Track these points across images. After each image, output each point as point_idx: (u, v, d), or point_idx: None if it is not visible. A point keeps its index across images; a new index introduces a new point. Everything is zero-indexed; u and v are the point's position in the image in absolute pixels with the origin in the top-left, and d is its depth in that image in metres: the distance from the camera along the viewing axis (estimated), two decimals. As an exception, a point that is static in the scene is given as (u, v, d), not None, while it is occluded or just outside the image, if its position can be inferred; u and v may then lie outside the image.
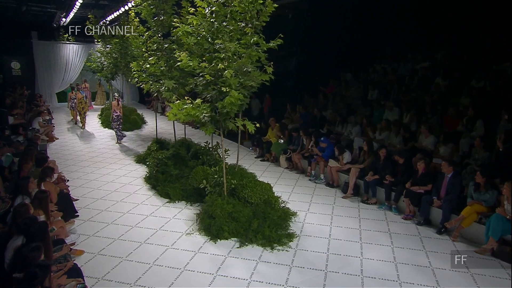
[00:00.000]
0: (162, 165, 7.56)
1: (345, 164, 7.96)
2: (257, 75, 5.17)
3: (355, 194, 7.47)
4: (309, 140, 9.02)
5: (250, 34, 5.06)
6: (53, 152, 10.48)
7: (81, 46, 19.80)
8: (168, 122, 9.44)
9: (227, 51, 4.79)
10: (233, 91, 4.64)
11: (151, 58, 6.95)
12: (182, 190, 6.92)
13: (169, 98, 5.99)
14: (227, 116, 5.10)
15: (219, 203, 5.50)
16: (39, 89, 19.03)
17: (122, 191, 7.58)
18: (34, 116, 11.79)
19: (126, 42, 11.43)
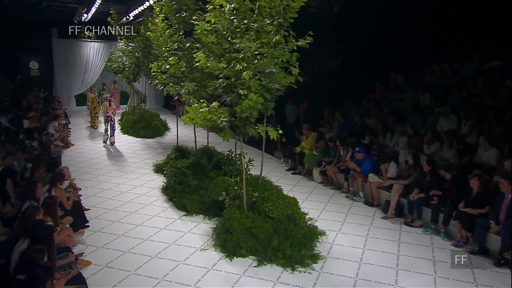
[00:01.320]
0: (180, 175, 8.09)
1: (389, 178, 8.03)
2: (280, 76, 5.50)
3: (397, 215, 7.52)
4: (346, 151, 9.18)
5: (272, 33, 5.41)
6: (67, 159, 11.42)
7: (102, 44, 21.28)
8: (192, 129, 10.00)
9: (247, 51, 5.17)
10: (252, 94, 5.01)
11: (171, 58, 7.54)
12: (200, 202, 7.36)
13: (189, 101, 6.47)
14: (247, 122, 5.47)
15: (237, 217, 5.85)
16: (57, 91, 20.63)
17: (137, 202, 8.17)
18: (49, 120, 12.91)
19: (149, 41, 12.28)
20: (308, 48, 5.85)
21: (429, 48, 12.81)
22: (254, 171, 7.91)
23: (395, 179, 7.99)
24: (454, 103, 9.71)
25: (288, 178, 9.92)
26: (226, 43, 5.55)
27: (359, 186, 8.50)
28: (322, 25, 15.23)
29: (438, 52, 12.60)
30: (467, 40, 11.83)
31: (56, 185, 6.30)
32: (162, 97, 23.31)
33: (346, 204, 8.21)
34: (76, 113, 20.05)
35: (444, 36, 12.38)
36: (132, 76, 15.89)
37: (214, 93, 6.46)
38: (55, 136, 12.00)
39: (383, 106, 10.97)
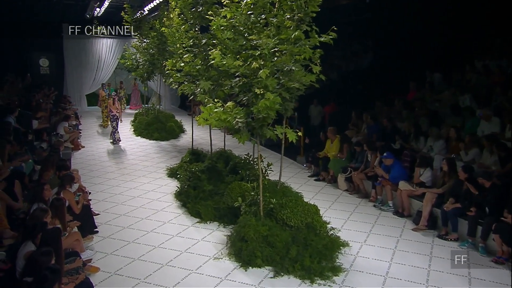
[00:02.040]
0: (194, 179, 8.34)
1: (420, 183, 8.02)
2: (300, 75, 5.65)
3: (430, 227, 7.50)
4: (374, 156, 9.21)
5: (292, 28, 5.57)
6: (77, 162, 11.88)
7: (115, 41, 21.92)
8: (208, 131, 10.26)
9: (264, 47, 5.35)
10: (268, 93, 5.18)
11: (186, 56, 7.80)
12: (215, 209, 7.57)
13: (204, 101, 6.69)
14: (264, 123, 5.64)
15: (252, 224, 6.01)
16: (68, 90, 21.39)
17: (149, 207, 8.46)
18: (59, 120, 13.45)
19: (164, 37, 12.67)
20: (332, 44, 5.98)
21: (472, 42, 12.63)
22: (273, 177, 8.07)
23: (428, 187, 7.99)
24: (498, 105, 9.60)
25: (311, 185, 10.02)
26: (242, 39, 5.74)
27: (388, 195, 8.52)
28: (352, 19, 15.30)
29: (482, 47, 12.42)
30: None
31: (65, 188, 6.63)
32: (178, 97, 23.75)
33: (373, 214, 8.24)
34: (87, 114, 20.72)
35: (489, 28, 12.18)
36: (146, 75, 16.35)
37: (230, 92, 6.66)
38: (64, 138, 12.48)
39: (417, 108, 10.93)
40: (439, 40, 13.09)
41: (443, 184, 7.74)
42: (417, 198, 8.06)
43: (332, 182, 10.11)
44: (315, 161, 10.73)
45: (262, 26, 5.96)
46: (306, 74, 5.87)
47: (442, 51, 13.02)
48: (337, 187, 9.78)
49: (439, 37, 13.05)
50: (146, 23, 16.09)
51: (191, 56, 7.91)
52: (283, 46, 5.51)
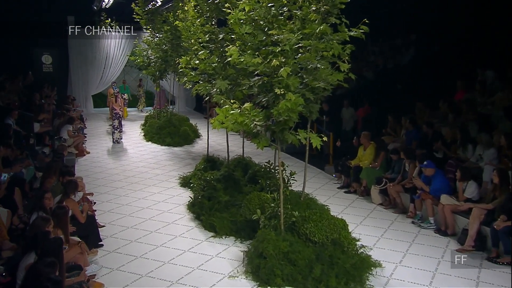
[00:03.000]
0: (209, 189, 8.57)
1: (467, 200, 8.01)
2: (326, 73, 5.81)
3: (478, 248, 7.47)
4: (413, 165, 9.24)
5: (317, 21, 5.74)
6: (82, 168, 12.31)
7: (125, 35, 22.46)
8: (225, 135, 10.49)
9: (286, 43, 5.53)
10: (290, 94, 5.35)
11: (201, 52, 8.06)
12: (232, 222, 7.76)
13: (220, 102, 6.90)
14: (285, 126, 5.81)
15: (272, 239, 6.16)
16: (72, 90, 22.05)
17: (159, 219, 8.72)
18: (63, 123, 13.95)
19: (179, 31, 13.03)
20: (363, 39, 6.12)
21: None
22: (297, 187, 8.22)
23: (475, 202, 7.97)
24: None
25: (340, 198, 10.11)
26: (262, 34, 5.94)
27: (429, 210, 8.52)
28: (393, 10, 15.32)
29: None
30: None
31: (69, 196, 6.95)
32: (193, 98, 24.12)
33: (412, 232, 8.27)
34: (93, 116, 21.36)
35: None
36: (159, 73, 16.75)
37: (249, 92, 6.86)
38: (68, 142, 12.95)
39: (465, 111, 10.88)
40: (493, 33, 12.96)
41: (493, 198, 7.71)
42: (462, 215, 8.04)
43: (364, 195, 10.17)
44: (346, 171, 10.81)
45: (284, 20, 6.15)
46: (333, 72, 6.02)
47: (496, 45, 12.88)
48: (370, 201, 9.84)
49: (493, 29, 12.92)
50: (158, 15, 16.49)
51: (206, 52, 8.14)
52: (307, 42, 5.68)
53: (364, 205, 9.67)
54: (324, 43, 5.87)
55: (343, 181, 10.92)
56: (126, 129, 18.17)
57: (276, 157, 8.24)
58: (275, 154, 8.42)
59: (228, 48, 6.09)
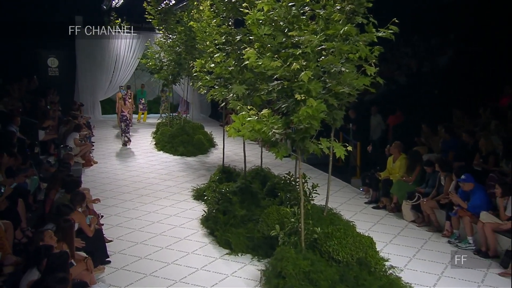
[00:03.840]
0: (224, 202, 8.66)
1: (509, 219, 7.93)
2: (351, 77, 5.88)
3: (523, 271, 7.40)
4: (449, 179, 9.20)
5: (341, 22, 5.83)
6: (88, 179, 12.54)
7: (136, 36, 22.90)
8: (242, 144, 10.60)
9: (307, 45, 5.63)
10: (311, 100, 5.43)
11: (217, 55, 8.20)
12: (248, 238, 7.82)
13: (236, 108, 7.01)
14: (306, 134, 5.88)
15: (292, 258, 6.20)
16: (79, 95, 22.50)
17: (170, 235, 8.85)
18: (69, 131, 14.24)
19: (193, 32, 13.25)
20: (393, 40, 6.18)
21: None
22: (320, 201, 8.26)
23: (518, 220, 7.89)
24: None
25: (368, 214, 10.11)
26: (282, 36, 6.04)
27: (467, 229, 8.45)
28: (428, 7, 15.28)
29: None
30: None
31: (75, 208, 7.12)
32: (208, 104, 24.35)
33: (447, 252, 8.17)
34: (101, 123, 21.74)
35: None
36: (172, 77, 16.99)
37: (268, 98, 6.96)
38: (75, 151, 13.20)
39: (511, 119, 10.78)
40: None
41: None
42: (506, 234, 7.95)
43: (395, 211, 10.14)
44: (374, 184, 10.80)
45: (306, 20, 6.25)
46: (359, 76, 6.08)
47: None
48: (401, 217, 9.80)
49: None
50: (172, 15, 16.75)
51: (223, 55, 8.26)
52: (330, 44, 5.76)
53: (394, 222, 9.64)
54: (349, 45, 5.94)
55: (371, 196, 10.91)
56: (137, 137, 18.52)
57: (296, 168, 8.30)
58: (296, 165, 8.48)
59: (245, 50, 6.19)
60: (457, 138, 10.82)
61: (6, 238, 6.71)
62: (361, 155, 12.44)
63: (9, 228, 7.04)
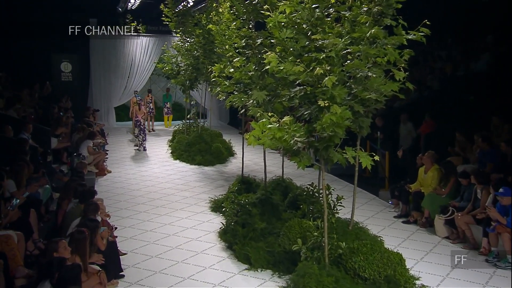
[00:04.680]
0: (243, 215, 8.72)
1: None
2: (378, 82, 5.91)
3: None
4: (486, 192, 9.11)
5: (368, 24, 5.88)
6: (102, 189, 12.72)
7: (152, 40, 23.24)
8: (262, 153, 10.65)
9: (331, 49, 5.69)
10: (335, 106, 5.47)
11: (237, 59, 8.31)
12: (269, 253, 7.84)
13: (256, 115, 7.08)
14: (330, 143, 5.92)
15: (315, 274, 6.22)
16: (93, 101, 22.89)
17: (186, 248, 8.93)
18: (83, 138, 14.49)
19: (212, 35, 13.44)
20: (424, 42, 6.21)
21: None
22: (345, 215, 8.26)
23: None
24: None
25: (397, 228, 10.04)
26: (305, 39, 6.11)
27: (507, 246, 8.33)
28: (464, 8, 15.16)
29: None
30: None
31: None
32: (227, 111, 24.47)
33: (485, 272, 8.09)
34: (115, 131, 22.08)
35: None
36: (189, 82, 17.16)
37: (290, 104, 7.03)
38: (88, 160, 13.43)
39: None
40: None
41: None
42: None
43: (426, 226, 10.04)
44: (404, 197, 10.73)
45: (330, 23, 6.31)
46: (387, 81, 6.11)
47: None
48: (433, 233, 9.71)
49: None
50: (190, 18, 16.91)
51: (242, 59, 8.37)
52: (356, 47, 5.81)
53: (426, 238, 9.55)
54: (376, 48, 5.98)
55: (401, 209, 10.83)
56: (152, 145, 18.81)
57: (320, 178, 8.33)
58: (319, 175, 8.50)
59: (266, 54, 6.27)
60: (495, 148, 10.68)
61: (18, 250, 6.88)
62: (390, 165, 12.37)
63: (21, 239, 7.21)
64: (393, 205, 11.31)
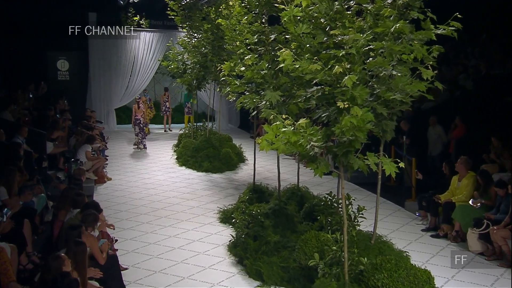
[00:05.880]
0: (255, 226, 8.71)
1: None
2: (404, 82, 5.90)
3: None
4: (524, 203, 9.06)
5: (392, 18, 5.87)
6: (101, 198, 12.77)
7: (157, 35, 23.33)
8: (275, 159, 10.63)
9: (352, 45, 5.69)
10: (356, 108, 5.47)
11: (248, 57, 8.33)
12: (283, 268, 7.81)
13: (270, 118, 7.07)
14: (350, 148, 5.91)
15: (333, 292, 6.24)
16: (92, 102, 23.05)
17: (193, 263, 8.95)
18: (81, 143, 14.58)
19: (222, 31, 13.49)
20: (455, 37, 6.18)
21: None
22: (367, 227, 8.23)
23: None
24: None
25: (425, 243, 9.99)
26: (323, 35, 6.12)
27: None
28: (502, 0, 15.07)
29: None
30: None
31: (86, 229, 7.29)
32: (237, 113, 24.52)
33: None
34: (116, 135, 22.24)
35: None
36: (196, 82, 17.20)
37: (306, 106, 7.03)
38: (86, 166, 13.51)
39: None
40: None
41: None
42: None
43: (458, 241, 9.97)
44: (433, 208, 10.67)
45: (351, 17, 6.32)
46: (413, 81, 6.10)
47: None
48: (466, 248, 9.62)
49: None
50: (197, 11, 16.93)
51: (254, 57, 8.37)
52: (379, 44, 5.81)
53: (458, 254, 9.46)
54: (401, 45, 5.97)
55: (430, 222, 10.78)
56: (156, 150, 19.03)
57: (339, 187, 8.31)
58: (338, 184, 8.48)
59: (280, 51, 6.28)
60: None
61: (10, 264, 6.90)
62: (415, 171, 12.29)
63: (14, 252, 7.24)
64: (421, 217, 11.26)
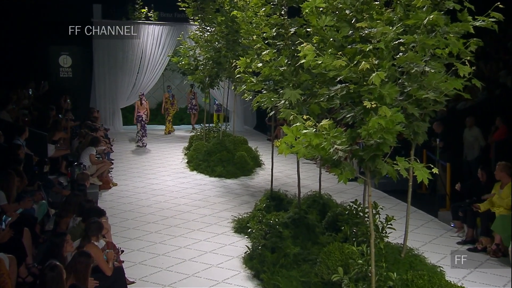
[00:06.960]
0: (273, 237, 8.65)
1: None
2: (438, 80, 5.84)
3: None
4: None
5: (425, 9, 5.81)
6: (106, 205, 12.75)
7: (166, 29, 23.37)
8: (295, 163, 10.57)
9: (380, 39, 5.64)
10: (384, 108, 5.41)
11: (266, 52, 8.30)
12: (303, 283, 7.75)
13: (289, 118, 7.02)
14: (378, 152, 5.85)
15: (359, 310, 6.19)
16: (96, 101, 23.17)
17: (205, 276, 8.92)
18: (84, 145, 14.63)
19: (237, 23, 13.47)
20: (495, 30, 6.10)
21: None
22: (397, 239, 8.17)
23: None
24: None
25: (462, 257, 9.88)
26: (348, 27, 6.07)
27: None
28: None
29: None
30: None
31: (90, 240, 7.31)
32: (253, 113, 24.49)
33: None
34: (122, 136, 22.37)
35: None
36: (209, 79, 17.18)
37: (329, 106, 6.98)
38: (90, 170, 13.53)
39: None
40: None
41: None
42: None
43: (499, 255, 9.82)
44: (470, 219, 10.57)
45: (379, 7, 6.26)
46: (448, 78, 6.03)
47: None
48: (507, 263, 9.51)
49: None
50: (211, 3, 16.90)
51: (273, 52, 8.34)
52: (411, 37, 5.75)
53: (497, 270, 9.35)
54: (435, 38, 5.91)
55: (466, 234, 10.66)
56: (165, 154, 19.09)
57: (365, 195, 8.26)
58: (364, 191, 8.43)
59: (301, 46, 6.24)
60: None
61: (9, 276, 6.92)
62: (452, 180, 12.17)
63: (13, 263, 7.24)
64: (456, 229, 11.13)
